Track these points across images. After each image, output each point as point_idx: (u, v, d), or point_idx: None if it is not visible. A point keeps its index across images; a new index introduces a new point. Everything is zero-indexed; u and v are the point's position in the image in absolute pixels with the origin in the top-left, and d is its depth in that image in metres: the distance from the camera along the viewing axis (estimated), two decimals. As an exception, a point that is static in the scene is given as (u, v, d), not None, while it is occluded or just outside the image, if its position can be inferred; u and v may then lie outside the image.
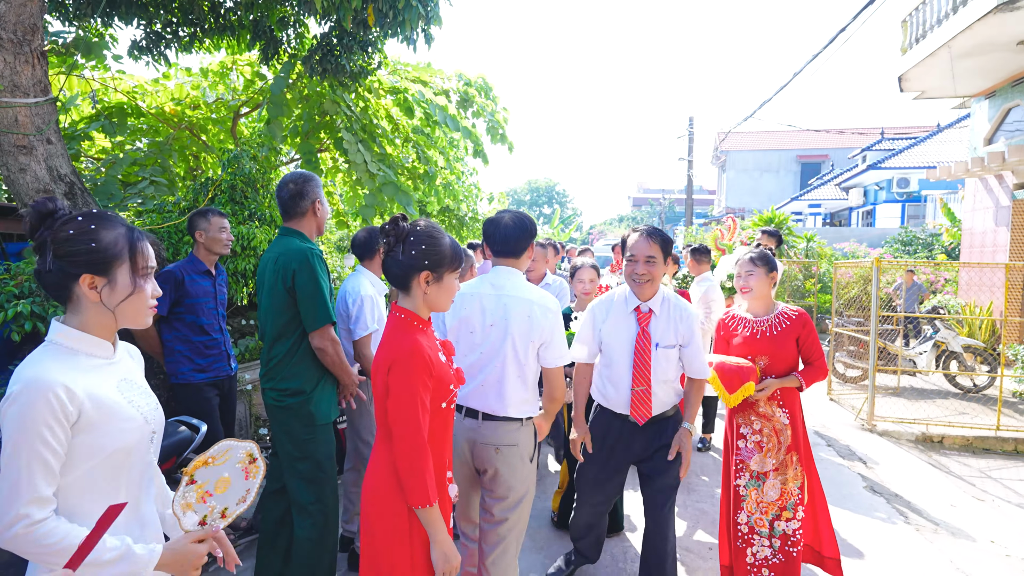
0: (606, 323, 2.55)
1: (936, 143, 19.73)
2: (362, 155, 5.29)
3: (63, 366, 1.18)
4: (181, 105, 6.09)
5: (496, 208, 11.72)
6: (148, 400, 1.34)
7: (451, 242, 1.74)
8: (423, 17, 4.23)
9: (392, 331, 1.69)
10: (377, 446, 1.70)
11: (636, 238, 2.51)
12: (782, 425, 2.69)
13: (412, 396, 1.58)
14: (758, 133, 31.85)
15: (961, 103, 10.18)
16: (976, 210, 8.99)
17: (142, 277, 1.27)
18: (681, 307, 2.54)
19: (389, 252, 1.70)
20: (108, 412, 1.21)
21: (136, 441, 1.26)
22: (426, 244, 1.68)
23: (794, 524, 2.62)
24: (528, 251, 2.24)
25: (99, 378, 1.23)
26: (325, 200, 2.55)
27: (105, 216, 1.25)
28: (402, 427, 1.58)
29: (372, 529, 1.65)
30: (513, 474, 2.12)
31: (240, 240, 4.20)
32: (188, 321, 3.11)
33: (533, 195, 53.40)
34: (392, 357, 1.61)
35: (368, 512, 1.66)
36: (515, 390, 2.11)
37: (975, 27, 6.63)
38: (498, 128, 6.58)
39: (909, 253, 12.39)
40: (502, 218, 2.21)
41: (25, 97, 3.06)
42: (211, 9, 5.04)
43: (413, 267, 1.67)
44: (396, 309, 1.73)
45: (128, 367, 1.36)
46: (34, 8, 3.05)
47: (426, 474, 1.58)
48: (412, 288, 1.70)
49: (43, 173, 3.15)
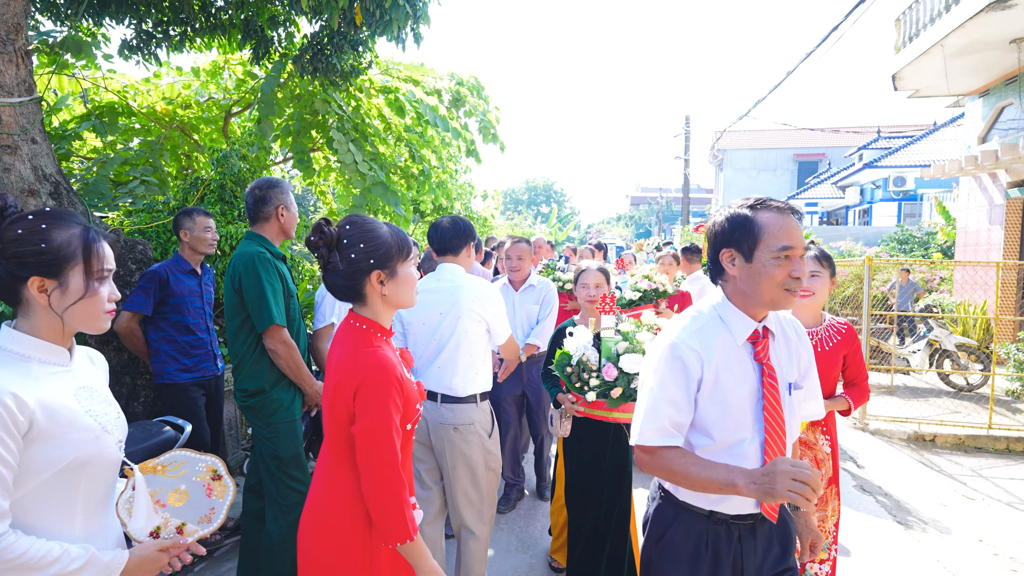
0: (709, 366, 1.43)
1: (932, 141, 19.74)
2: (352, 155, 5.28)
3: (12, 374, 1.12)
4: (172, 104, 6.08)
5: (491, 206, 11.72)
6: (108, 409, 1.28)
7: (390, 229, 1.55)
8: (411, 16, 4.23)
9: (352, 345, 1.48)
10: (329, 474, 1.49)
11: (792, 223, 1.45)
12: (824, 455, 2.37)
13: (386, 421, 1.40)
14: (755, 132, 31.88)
15: (955, 102, 10.20)
16: (970, 208, 9.00)
17: (97, 280, 1.20)
18: (792, 320, 1.63)
19: (327, 265, 1.48)
20: (62, 422, 1.14)
21: (95, 452, 1.19)
22: (364, 241, 1.48)
23: (826, 567, 2.37)
24: (466, 249, 2.55)
25: (53, 386, 1.17)
26: (292, 205, 2.58)
27: (59, 215, 1.19)
28: (377, 458, 1.39)
29: (320, 570, 1.46)
30: (472, 449, 2.37)
31: (228, 240, 4.19)
32: (173, 320, 3.10)
33: (531, 194, 53.37)
34: (359, 377, 1.41)
35: (317, 552, 1.46)
36: (468, 368, 2.40)
37: (968, 25, 6.63)
38: (490, 128, 6.58)
39: (905, 252, 12.40)
40: (442, 221, 2.55)
41: (9, 97, 3.05)
42: (202, 8, 5.02)
43: (359, 271, 1.48)
44: (353, 318, 1.53)
45: (88, 374, 1.30)
46: (18, 7, 3.04)
47: (405, 507, 1.42)
48: (367, 295, 1.51)
49: (28, 173, 3.14)
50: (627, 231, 45.31)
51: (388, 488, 1.40)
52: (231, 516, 3.44)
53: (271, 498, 2.48)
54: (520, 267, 3.70)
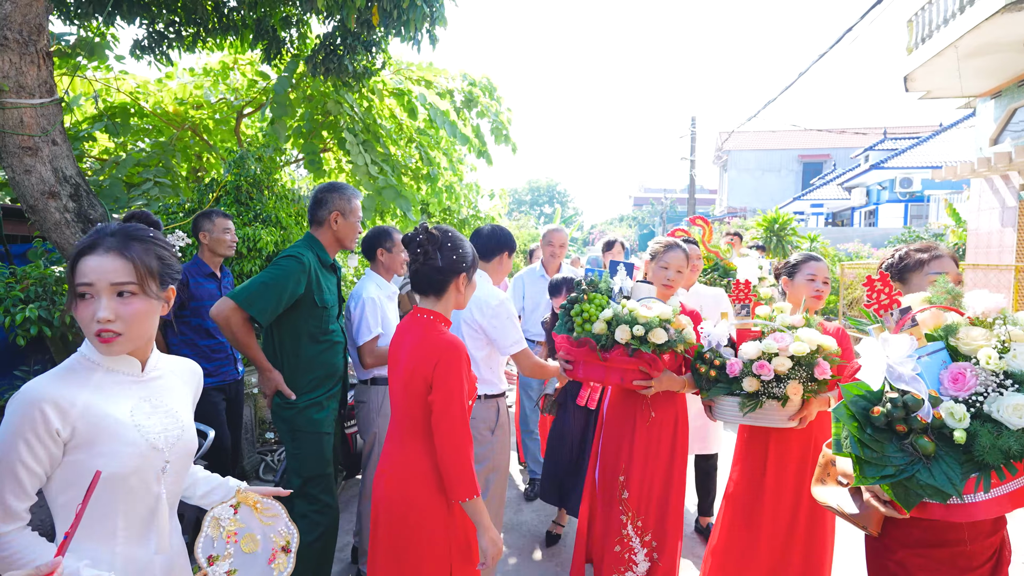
0: None
1: (939, 143, 19.68)
2: (363, 157, 5.26)
3: (67, 381, 1.13)
4: (184, 105, 6.06)
5: (497, 205, 11.66)
6: (168, 425, 1.23)
7: (471, 244, 1.86)
8: (428, 17, 4.20)
9: (423, 331, 1.72)
10: (404, 449, 1.71)
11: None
12: None
13: (460, 388, 1.63)
14: (760, 132, 31.81)
15: (966, 103, 10.14)
16: (982, 211, 8.95)
17: (77, 296, 1.14)
18: None
19: (427, 260, 1.72)
20: (105, 432, 1.13)
21: (135, 468, 1.15)
22: (462, 248, 1.78)
23: None
24: (498, 258, 2.56)
25: (111, 395, 1.17)
26: (351, 214, 2.45)
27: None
28: (450, 421, 1.61)
29: (407, 531, 1.65)
30: (476, 444, 2.36)
31: (246, 242, 4.18)
32: (193, 324, 3.08)
33: (534, 195, 53.31)
34: (438, 353, 1.65)
35: (404, 514, 1.66)
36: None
37: (983, 27, 6.59)
38: (502, 129, 6.55)
39: (913, 253, 12.33)
40: (482, 230, 2.62)
41: (31, 98, 3.03)
42: (214, 8, 5.00)
43: (453, 271, 1.75)
44: (421, 312, 1.77)
45: (162, 387, 1.26)
46: (39, 8, 3.02)
47: (472, 465, 1.63)
48: (448, 291, 1.77)
49: (48, 175, 3.12)
50: (630, 232, 45.23)
51: (460, 447, 1.61)
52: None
53: (297, 509, 2.37)
54: (560, 255, 3.80)
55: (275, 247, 4.31)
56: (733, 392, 2.08)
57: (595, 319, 2.19)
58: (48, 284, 2.80)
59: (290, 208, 4.87)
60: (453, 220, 8.59)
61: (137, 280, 1.13)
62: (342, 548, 3.18)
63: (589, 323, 2.21)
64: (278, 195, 4.82)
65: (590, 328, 2.19)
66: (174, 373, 1.32)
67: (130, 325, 1.14)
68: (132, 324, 1.14)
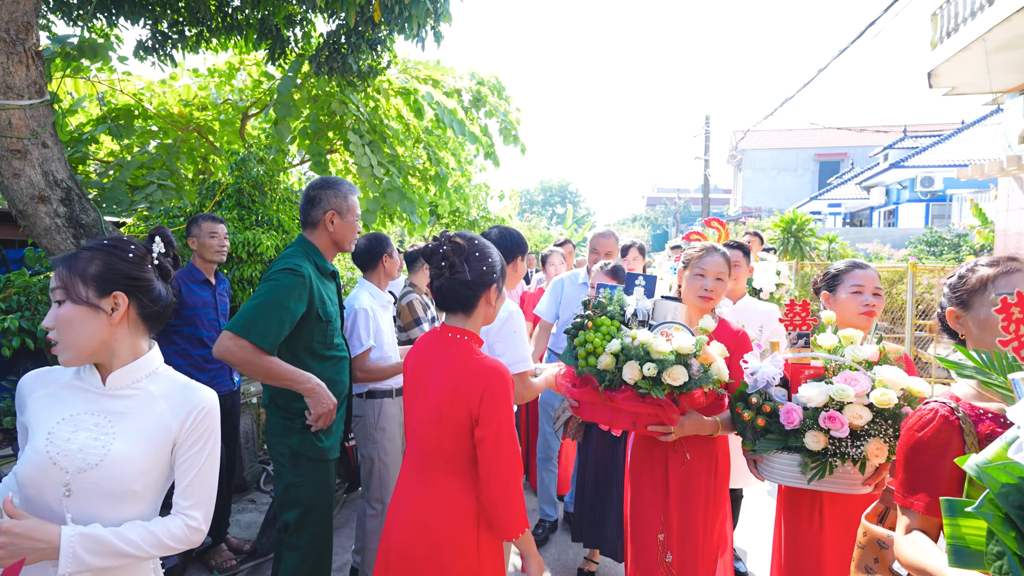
0: None
1: (962, 140, 19.16)
2: (368, 158, 5.14)
3: (47, 375, 1.22)
4: (189, 107, 5.99)
5: (507, 206, 11.46)
6: (89, 448, 1.14)
7: (497, 253, 1.65)
8: (432, 13, 4.06)
9: (459, 355, 1.54)
10: (432, 484, 1.54)
11: None
12: None
13: (511, 420, 1.49)
14: (775, 131, 31.33)
15: (992, 99, 9.79)
16: (1010, 210, 8.61)
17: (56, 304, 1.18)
18: None
19: (454, 273, 1.52)
20: (30, 430, 1.18)
21: (31, 479, 1.14)
22: (491, 256, 1.58)
23: None
24: (509, 264, 2.31)
25: (57, 398, 1.19)
26: (348, 212, 2.19)
27: None
28: (503, 458, 1.47)
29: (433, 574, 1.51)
30: None
31: (246, 246, 4.06)
32: (186, 334, 2.96)
33: (546, 195, 53.11)
34: (484, 382, 1.47)
35: (428, 557, 1.50)
36: None
37: (1013, 19, 6.30)
38: (511, 129, 6.40)
39: (935, 254, 11.98)
40: (491, 233, 2.37)
41: (19, 99, 2.93)
42: (218, 8, 4.91)
43: (483, 284, 1.56)
44: (453, 331, 1.57)
45: (127, 408, 1.19)
46: (28, 6, 2.92)
47: (523, 500, 1.52)
48: (478, 306, 1.58)
49: (38, 178, 3.02)
50: (643, 232, 44.86)
51: (514, 485, 1.48)
52: (247, 539, 3.29)
53: (288, 537, 2.15)
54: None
55: (276, 252, 4.18)
56: (790, 447, 1.66)
57: (601, 351, 1.79)
58: (33, 293, 2.68)
59: (292, 211, 4.75)
60: (462, 221, 8.44)
61: (62, 285, 1.15)
62: (341, 568, 3.05)
63: (594, 356, 1.81)
64: (280, 198, 4.70)
65: (594, 362, 1.80)
66: (159, 397, 1.22)
67: (60, 332, 1.15)
68: (62, 331, 1.15)
